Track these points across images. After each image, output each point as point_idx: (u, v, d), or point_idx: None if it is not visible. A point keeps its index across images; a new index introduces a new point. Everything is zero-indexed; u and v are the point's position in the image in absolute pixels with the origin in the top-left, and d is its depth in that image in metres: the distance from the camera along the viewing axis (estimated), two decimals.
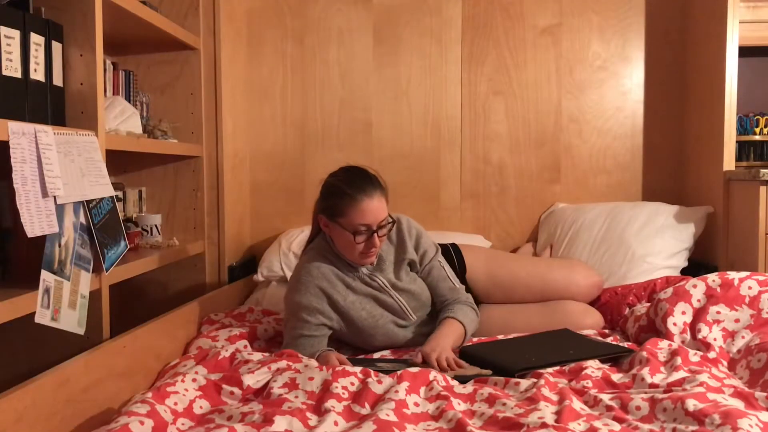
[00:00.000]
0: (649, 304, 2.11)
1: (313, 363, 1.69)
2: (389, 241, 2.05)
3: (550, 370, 1.70)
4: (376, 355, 1.99)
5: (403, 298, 2.02)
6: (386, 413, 1.38)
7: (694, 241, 2.58)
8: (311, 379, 1.56)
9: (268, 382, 1.58)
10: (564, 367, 1.71)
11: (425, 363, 1.80)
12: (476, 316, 2.07)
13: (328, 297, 1.95)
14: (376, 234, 1.90)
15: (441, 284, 2.09)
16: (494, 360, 1.79)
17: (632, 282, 2.43)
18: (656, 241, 2.53)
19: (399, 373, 1.59)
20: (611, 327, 2.23)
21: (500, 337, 2.09)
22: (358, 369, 1.62)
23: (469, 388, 1.58)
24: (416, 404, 1.48)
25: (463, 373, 1.73)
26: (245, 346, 1.95)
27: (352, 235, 1.89)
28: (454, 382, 1.63)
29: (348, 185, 1.90)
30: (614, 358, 1.80)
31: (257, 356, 1.78)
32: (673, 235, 2.54)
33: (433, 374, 1.62)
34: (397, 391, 1.49)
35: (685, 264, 2.57)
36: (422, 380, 1.57)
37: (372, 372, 1.61)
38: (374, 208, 1.88)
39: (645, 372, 1.59)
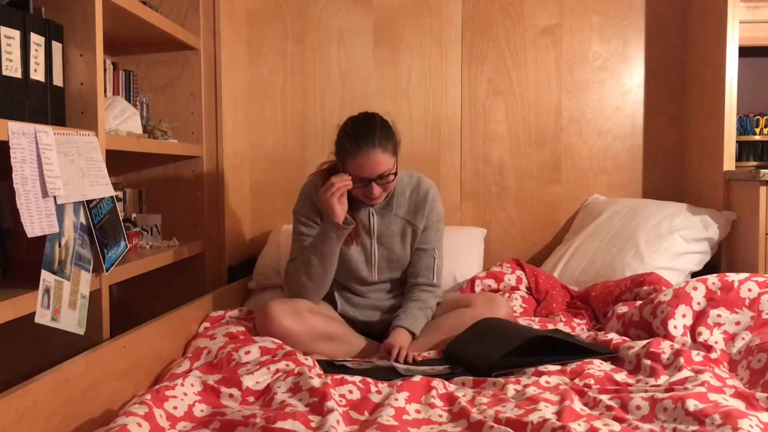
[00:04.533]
0: (633, 302, 2.11)
1: (314, 371, 1.67)
2: (410, 199, 2.14)
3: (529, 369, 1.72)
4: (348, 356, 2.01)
5: (379, 251, 2.11)
6: (386, 419, 1.38)
7: (715, 246, 2.54)
8: (312, 380, 1.56)
9: (268, 385, 1.58)
10: (566, 367, 1.71)
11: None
12: (430, 314, 2.09)
13: (317, 209, 2.09)
14: (374, 183, 1.99)
15: (422, 265, 2.14)
16: (473, 360, 1.79)
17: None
18: (664, 241, 2.50)
19: (399, 383, 1.59)
20: (597, 324, 2.24)
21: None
22: (357, 378, 1.62)
23: (468, 393, 1.58)
24: (417, 411, 1.48)
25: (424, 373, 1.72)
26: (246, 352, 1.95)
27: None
28: (452, 387, 1.62)
29: (348, 139, 2.00)
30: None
31: (255, 356, 1.78)
32: (683, 236, 2.50)
33: (434, 382, 1.61)
34: (396, 399, 1.49)
35: (696, 268, 2.52)
36: (422, 389, 1.57)
37: (371, 382, 1.62)
38: (371, 162, 1.96)
39: (650, 381, 1.59)
